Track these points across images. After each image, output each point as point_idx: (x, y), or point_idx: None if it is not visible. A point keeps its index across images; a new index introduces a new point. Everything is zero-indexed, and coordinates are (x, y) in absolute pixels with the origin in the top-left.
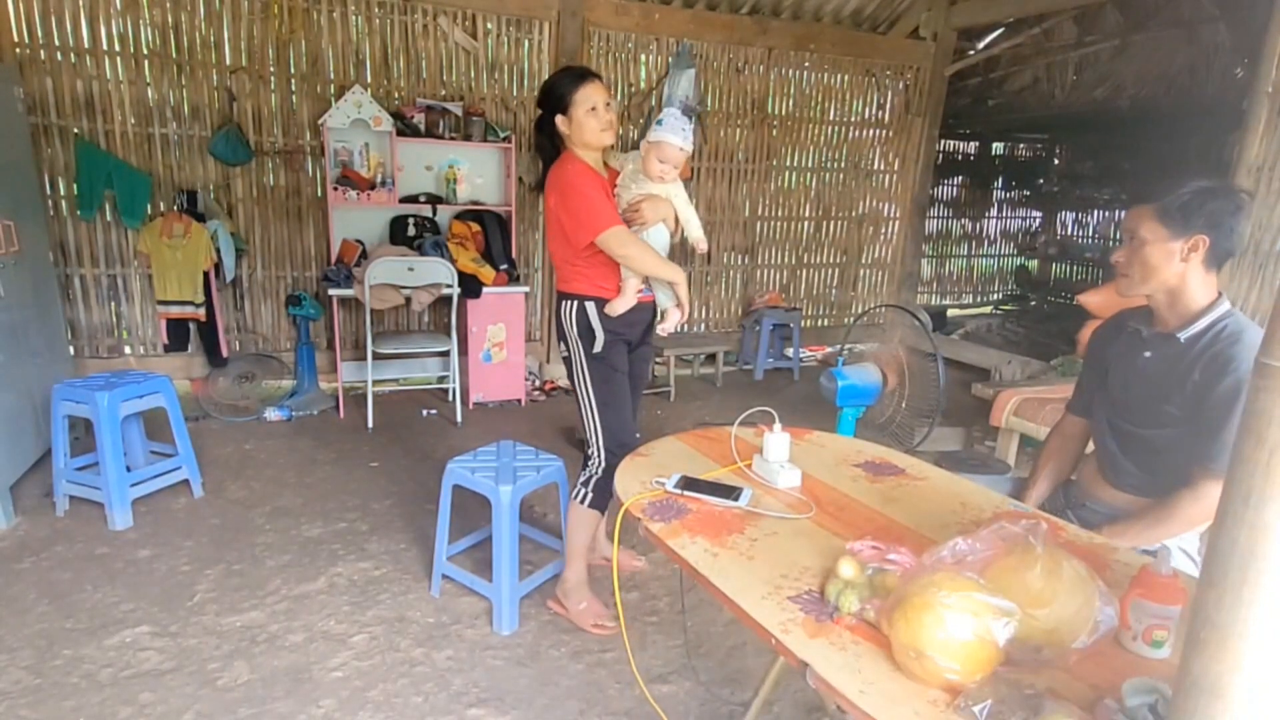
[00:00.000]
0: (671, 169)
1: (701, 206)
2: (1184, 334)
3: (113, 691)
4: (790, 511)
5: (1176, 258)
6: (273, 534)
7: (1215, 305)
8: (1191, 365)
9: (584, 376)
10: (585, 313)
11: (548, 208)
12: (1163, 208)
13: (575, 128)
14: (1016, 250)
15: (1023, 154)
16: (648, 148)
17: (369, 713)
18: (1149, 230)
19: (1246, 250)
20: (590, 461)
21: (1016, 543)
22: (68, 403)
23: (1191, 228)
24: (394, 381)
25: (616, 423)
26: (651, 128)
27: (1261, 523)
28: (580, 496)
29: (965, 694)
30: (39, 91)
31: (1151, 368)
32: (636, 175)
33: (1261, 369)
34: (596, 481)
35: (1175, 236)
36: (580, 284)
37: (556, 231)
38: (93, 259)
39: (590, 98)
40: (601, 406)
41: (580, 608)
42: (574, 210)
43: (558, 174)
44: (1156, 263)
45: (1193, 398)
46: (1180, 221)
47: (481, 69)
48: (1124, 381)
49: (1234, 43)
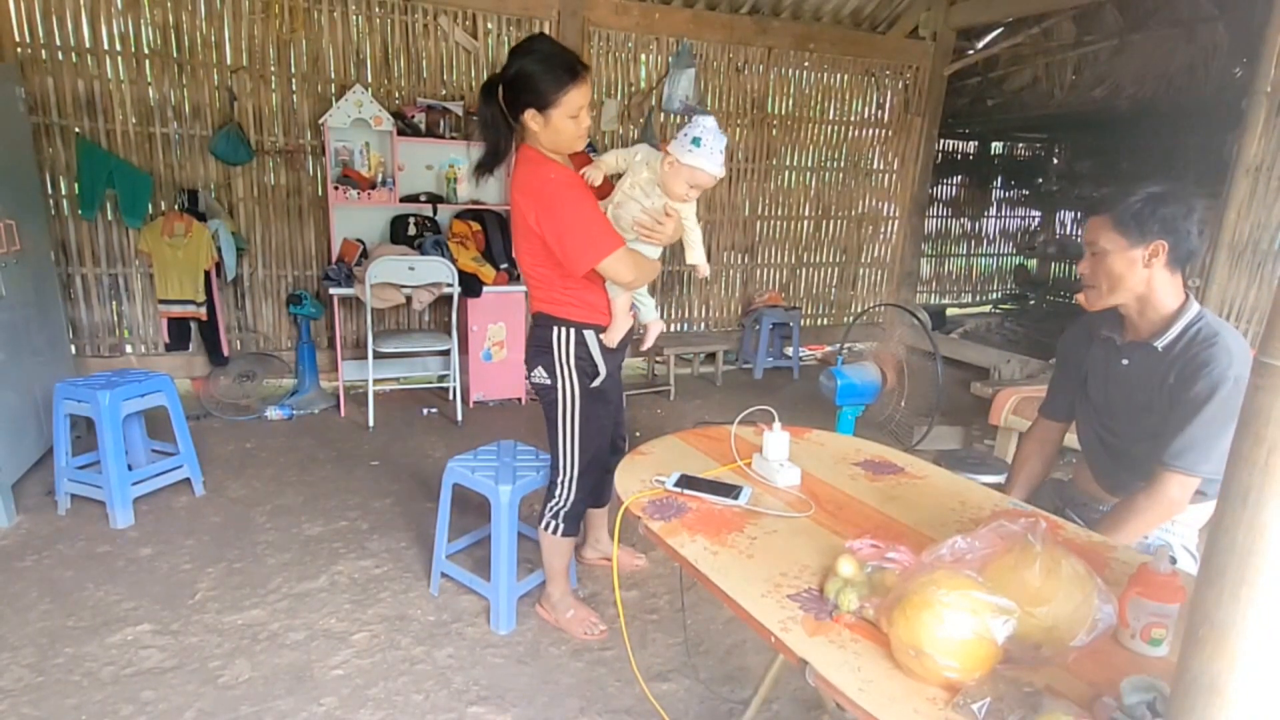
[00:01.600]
0: (697, 193)
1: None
2: (1160, 342)
3: (114, 689)
4: (790, 510)
5: (1139, 264)
6: (274, 532)
7: (1185, 309)
8: (1169, 370)
9: (572, 411)
10: (585, 344)
11: (521, 217)
12: (1117, 217)
13: (550, 132)
14: (1015, 249)
15: (1022, 153)
16: (678, 169)
17: (370, 710)
18: (1108, 240)
19: (1245, 249)
20: (557, 491)
21: (1015, 541)
22: (69, 401)
23: (1148, 234)
24: (394, 380)
25: (595, 456)
26: (679, 141)
27: (1260, 521)
28: (551, 528)
29: (964, 691)
30: (40, 91)
31: (1130, 376)
32: (651, 186)
33: (1261, 368)
34: (566, 513)
35: (1134, 244)
36: (573, 308)
37: (536, 246)
38: (94, 258)
39: (577, 101)
40: (585, 441)
41: (568, 616)
42: (567, 234)
43: (537, 183)
44: (1120, 271)
45: (1166, 400)
46: (1136, 229)
47: (482, 68)
48: (1104, 390)
49: (1233, 42)
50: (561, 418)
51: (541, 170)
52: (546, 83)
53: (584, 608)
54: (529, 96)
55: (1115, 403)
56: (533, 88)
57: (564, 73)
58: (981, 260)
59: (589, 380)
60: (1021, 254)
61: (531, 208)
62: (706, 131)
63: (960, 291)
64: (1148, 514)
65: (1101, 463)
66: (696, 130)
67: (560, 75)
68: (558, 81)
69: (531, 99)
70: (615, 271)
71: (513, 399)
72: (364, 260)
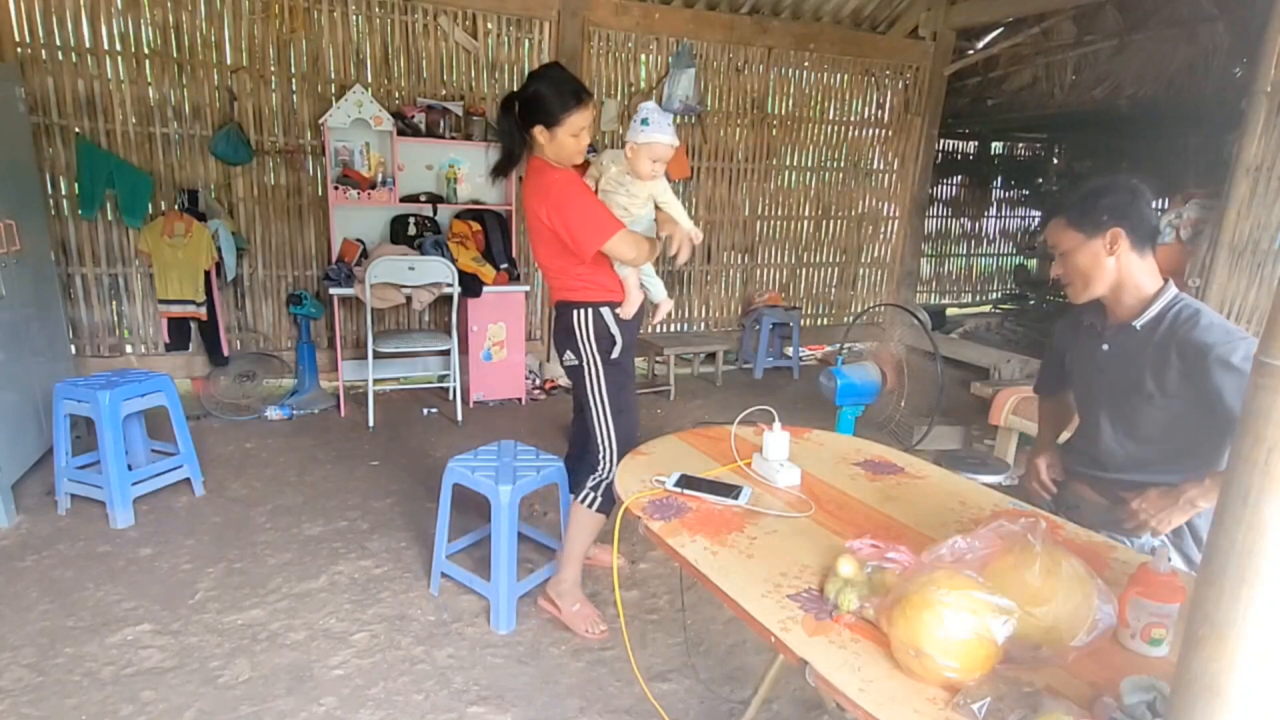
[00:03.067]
0: (662, 166)
1: (701, 206)
2: (1139, 322)
3: (114, 689)
4: (790, 510)
5: (1103, 254)
6: (274, 532)
7: (1163, 291)
8: (1159, 349)
9: (599, 384)
10: (603, 319)
11: (535, 218)
12: (1069, 216)
13: (555, 146)
14: (1015, 249)
15: (1022, 153)
16: (636, 149)
17: (370, 710)
18: (1067, 240)
19: (1245, 249)
20: (600, 466)
21: (1015, 541)
22: (69, 401)
23: (1100, 224)
24: (395, 380)
25: (629, 426)
26: (633, 127)
27: (1260, 521)
28: (589, 500)
29: (964, 691)
30: (40, 91)
31: (1111, 359)
32: (623, 178)
33: (1261, 368)
34: (606, 486)
35: (1091, 236)
36: (589, 291)
37: (549, 241)
38: (94, 258)
39: (579, 123)
40: (616, 414)
41: (574, 609)
42: (575, 222)
43: (545, 185)
44: (1088, 265)
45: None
46: (1089, 222)
47: (482, 69)
48: (1088, 378)
49: (1232, 42)
50: (591, 391)
51: (548, 175)
52: (555, 105)
53: (590, 605)
54: (540, 115)
55: (1103, 388)
56: (544, 108)
57: (570, 97)
58: (981, 260)
59: (609, 353)
60: (1021, 254)
61: (543, 206)
62: (650, 111)
63: (960, 291)
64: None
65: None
66: (642, 114)
67: (567, 99)
68: (564, 105)
69: (541, 117)
70: (619, 251)
71: (513, 399)
72: (364, 260)
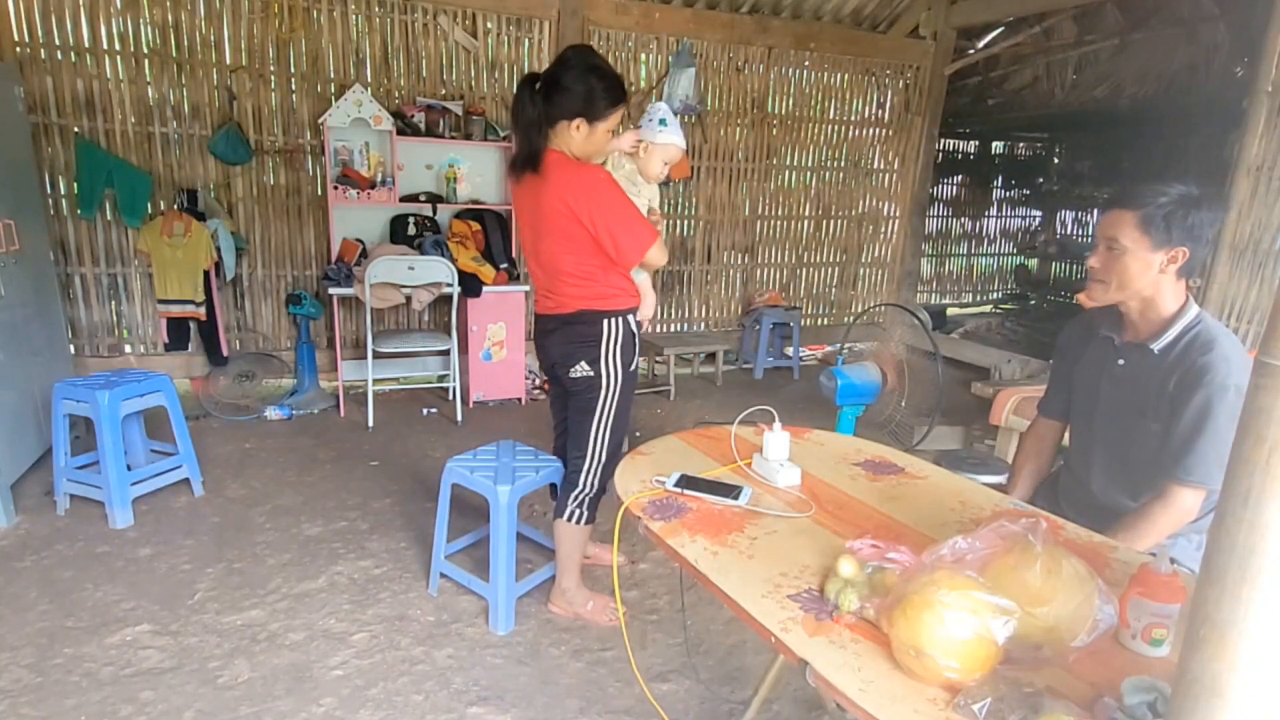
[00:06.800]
0: (668, 168)
1: (701, 205)
2: (1157, 344)
3: (113, 690)
4: (790, 510)
5: (1155, 269)
6: (273, 532)
7: (1184, 311)
8: (1167, 376)
9: (612, 399)
10: (629, 328)
11: (560, 215)
12: (1146, 216)
13: (589, 141)
14: (1016, 249)
15: (1022, 153)
16: (651, 149)
17: (369, 711)
18: (1130, 239)
19: (1246, 249)
20: (582, 480)
21: (1016, 541)
22: (68, 401)
23: (1174, 239)
24: (394, 380)
25: (619, 442)
26: (646, 127)
27: (1261, 521)
28: (575, 517)
29: (965, 692)
30: (39, 90)
31: (1126, 378)
32: (635, 177)
33: (1261, 368)
34: (590, 499)
35: (1157, 248)
36: (615, 299)
37: (580, 241)
38: (93, 258)
39: (617, 119)
40: (616, 428)
41: (589, 607)
42: (619, 228)
43: (585, 182)
44: (1135, 272)
45: (1167, 407)
46: (1164, 233)
47: (482, 68)
48: (1094, 390)
49: (1233, 42)
50: (602, 407)
51: (585, 172)
52: (603, 99)
53: (600, 595)
54: (586, 108)
55: (1109, 403)
56: (592, 101)
57: (619, 92)
58: (982, 260)
59: (630, 364)
60: (1022, 254)
61: (583, 204)
62: (667, 113)
63: (960, 291)
64: (1161, 522)
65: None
66: (659, 114)
67: (617, 95)
68: (613, 99)
69: (586, 109)
70: (656, 257)
71: (512, 399)
72: (363, 260)
